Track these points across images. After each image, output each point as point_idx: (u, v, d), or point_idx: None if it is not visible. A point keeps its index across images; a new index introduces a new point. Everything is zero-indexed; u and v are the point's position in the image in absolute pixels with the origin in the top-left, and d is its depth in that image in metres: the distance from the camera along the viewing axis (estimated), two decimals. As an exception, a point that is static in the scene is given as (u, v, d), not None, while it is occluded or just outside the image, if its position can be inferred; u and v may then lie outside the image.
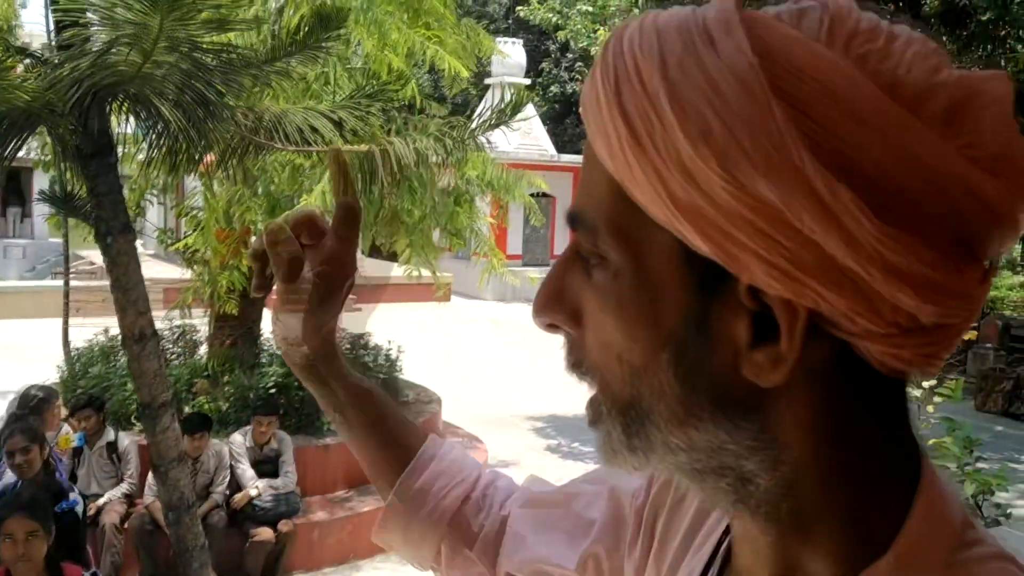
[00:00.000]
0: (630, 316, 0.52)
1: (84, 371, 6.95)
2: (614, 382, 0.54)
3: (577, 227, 0.54)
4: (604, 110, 0.49)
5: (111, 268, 3.15)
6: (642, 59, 0.48)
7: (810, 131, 0.44)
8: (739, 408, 0.50)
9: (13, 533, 3.02)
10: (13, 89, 2.46)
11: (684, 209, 0.47)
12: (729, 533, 0.65)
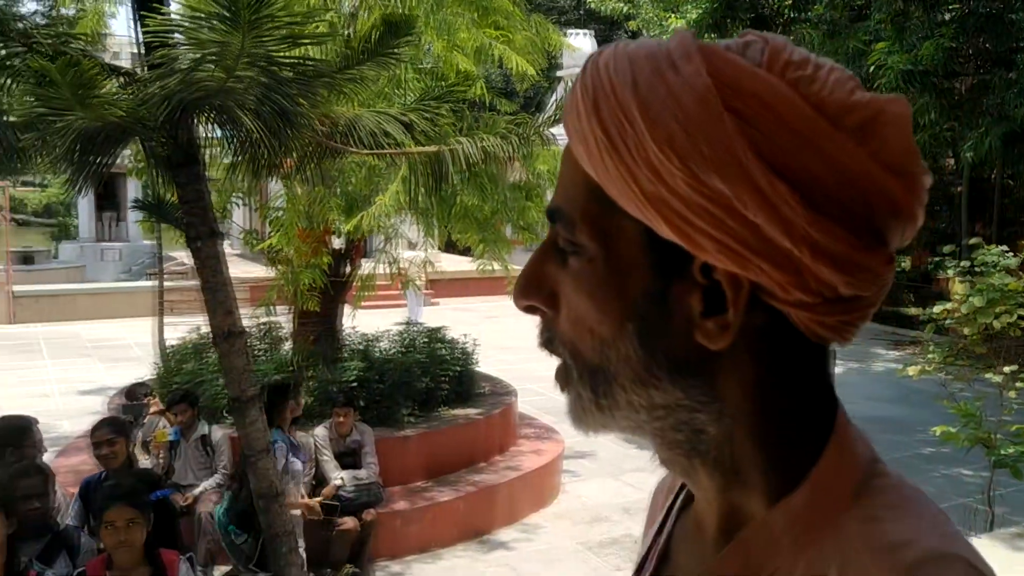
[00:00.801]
0: (602, 295, 0.62)
1: (178, 368, 7.27)
2: (585, 352, 0.64)
3: (556, 221, 0.65)
4: (584, 119, 0.60)
5: (200, 270, 3.34)
6: (616, 79, 0.59)
7: (754, 138, 0.56)
8: (691, 370, 0.61)
9: (114, 521, 3.23)
10: (110, 105, 2.65)
11: (652, 200, 0.57)
12: (680, 496, 0.77)
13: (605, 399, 0.64)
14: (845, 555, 0.57)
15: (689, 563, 0.71)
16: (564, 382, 0.68)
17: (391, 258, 7.78)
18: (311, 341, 7.39)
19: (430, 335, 7.88)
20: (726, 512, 0.66)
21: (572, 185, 0.64)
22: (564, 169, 0.66)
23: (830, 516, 0.60)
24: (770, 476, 0.63)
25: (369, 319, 9.02)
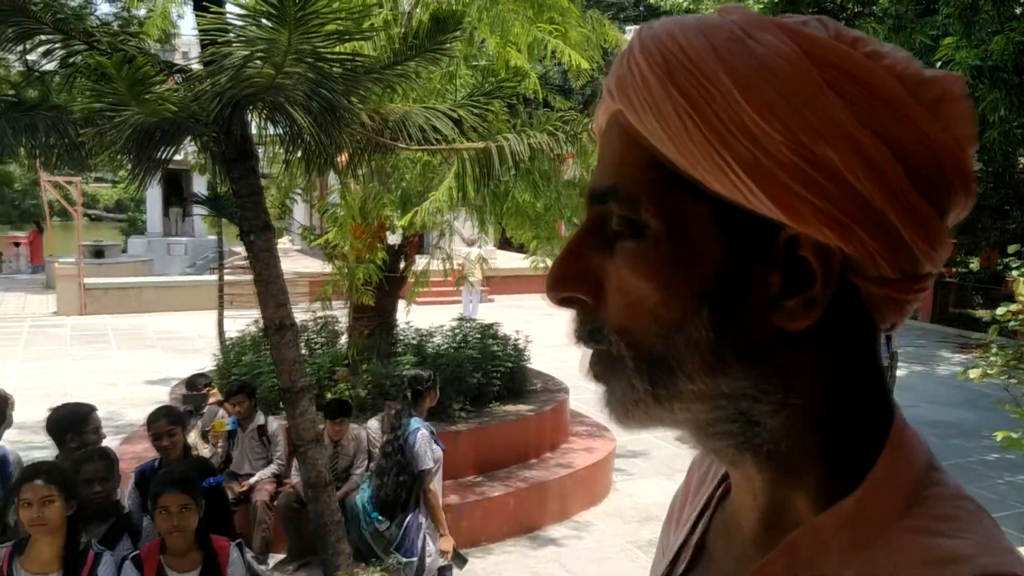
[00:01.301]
0: (670, 277, 0.58)
1: (237, 359, 7.44)
2: (646, 339, 0.60)
3: (606, 201, 0.61)
4: (656, 91, 0.57)
5: (253, 264, 3.41)
6: (692, 48, 0.56)
7: (853, 105, 0.54)
8: (762, 355, 0.58)
9: (168, 506, 3.33)
10: (163, 101, 2.73)
11: (749, 169, 0.55)
12: (720, 487, 0.73)
13: (665, 389, 0.60)
14: (898, 568, 0.55)
15: (727, 556, 0.69)
16: (609, 374, 0.63)
17: (446, 254, 7.82)
18: (366, 335, 7.49)
19: (483, 331, 7.91)
20: (770, 508, 0.63)
21: (630, 163, 0.61)
22: (615, 147, 0.62)
23: (883, 525, 0.58)
24: (823, 474, 0.60)
25: (424, 315, 9.10)
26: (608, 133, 0.63)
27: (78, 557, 3.17)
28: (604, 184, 0.62)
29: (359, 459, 6.08)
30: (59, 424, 4.12)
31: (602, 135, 0.65)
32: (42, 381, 10.49)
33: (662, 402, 0.61)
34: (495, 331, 7.98)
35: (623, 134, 0.61)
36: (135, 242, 23.41)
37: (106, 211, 43.33)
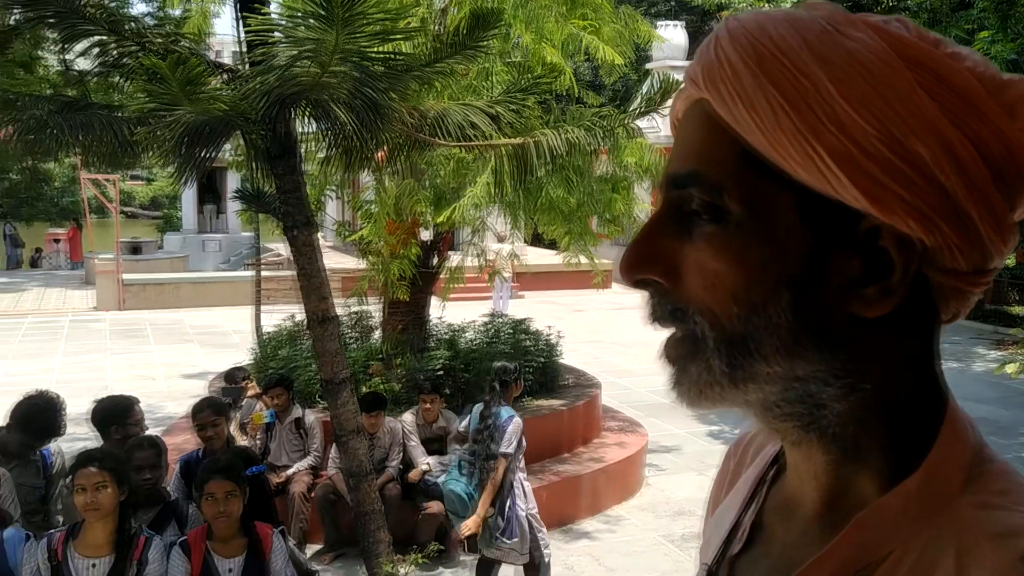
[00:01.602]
0: (753, 261, 0.61)
1: (273, 353, 7.56)
2: (726, 320, 0.62)
3: (687, 186, 0.63)
4: (748, 82, 0.59)
5: (296, 258, 3.50)
6: (782, 39, 0.59)
7: (942, 104, 0.58)
8: (837, 340, 0.61)
9: (214, 493, 3.43)
10: (215, 100, 2.81)
11: (840, 161, 0.57)
12: (772, 467, 0.77)
13: (742, 371, 0.63)
14: (963, 541, 0.59)
15: (786, 534, 0.72)
16: (687, 356, 0.65)
17: (479, 250, 7.88)
18: (399, 330, 7.58)
19: (515, 326, 7.96)
20: (833, 487, 0.66)
21: (713, 150, 0.63)
22: (696, 134, 0.65)
23: (944, 501, 0.61)
24: (887, 456, 0.63)
25: (456, 311, 9.18)
26: (687, 120, 0.66)
27: (129, 541, 3.28)
28: (685, 170, 0.64)
29: (394, 451, 6.17)
30: (103, 415, 4.24)
31: (679, 122, 0.68)
32: (83, 375, 10.73)
33: (737, 384, 0.63)
34: (527, 326, 8.02)
35: (706, 122, 0.64)
36: (171, 239, 23.76)
37: (141, 208, 43.99)
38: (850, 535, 0.63)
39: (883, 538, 0.62)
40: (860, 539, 0.63)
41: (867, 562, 0.63)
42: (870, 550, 0.63)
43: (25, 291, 18.34)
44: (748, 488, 0.80)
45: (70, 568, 3.22)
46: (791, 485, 0.73)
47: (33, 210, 30.11)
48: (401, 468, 6.18)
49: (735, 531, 0.78)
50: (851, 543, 0.63)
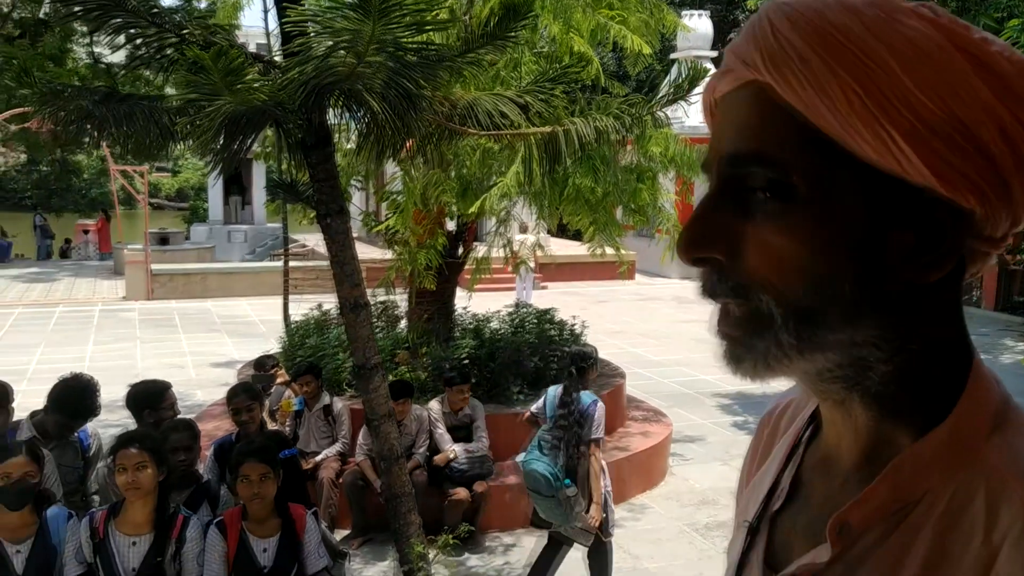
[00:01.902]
0: (819, 236, 0.65)
1: (301, 342, 7.67)
2: (795, 294, 0.66)
3: (753, 165, 0.66)
4: (817, 67, 0.63)
5: (330, 246, 3.57)
6: (844, 25, 0.63)
7: (991, 85, 0.63)
8: (891, 306, 0.66)
9: (249, 475, 3.51)
10: (255, 90, 2.88)
11: (909, 139, 0.62)
12: (807, 429, 0.82)
13: (809, 342, 0.66)
14: (991, 480, 0.64)
15: (826, 489, 0.76)
16: (751, 332, 0.68)
17: (504, 240, 7.92)
18: (425, 319, 7.65)
19: (539, 316, 8.01)
20: (873, 443, 0.71)
21: (776, 130, 0.66)
22: (752, 115, 0.68)
23: (974, 445, 0.66)
24: (921, 408, 0.68)
25: (480, 301, 9.24)
26: (737, 101, 0.69)
27: (168, 520, 3.38)
28: (745, 149, 0.67)
29: (420, 438, 6.25)
30: (137, 400, 4.35)
31: (721, 103, 0.72)
32: (114, 363, 10.91)
33: (804, 354, 0.67)
34: (551, 316, 8.07)
35: (764, 103, 0.67)
36: (197, 229, 24.00)
37: (167, 200, 44.45)
38: (887, 478, 0.69)
39: (918, 481, 0.68)
40: (896, 482, 0.68)
41: (903, 503, 0.68)
42: (906, 492, 0.68)
43: (56, 281, 18.64)
44: (785, 450, 0.84)
45: (112, 545, 3.32)
46: (829, 443, 0.78)
47: (63, 201, 30.56)
48: (427, 455, 6.26)
49: (774, 489, 0.83)
50: (888, 486, 0.69)
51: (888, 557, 0.68)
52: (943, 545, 0.65)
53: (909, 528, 0.68)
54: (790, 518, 0.80)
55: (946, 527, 0.65)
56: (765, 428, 0.94)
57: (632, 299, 16.89)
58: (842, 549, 0.70)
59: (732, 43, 0.70)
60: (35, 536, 3.33)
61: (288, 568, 3.51)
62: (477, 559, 5.98)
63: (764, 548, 0.81)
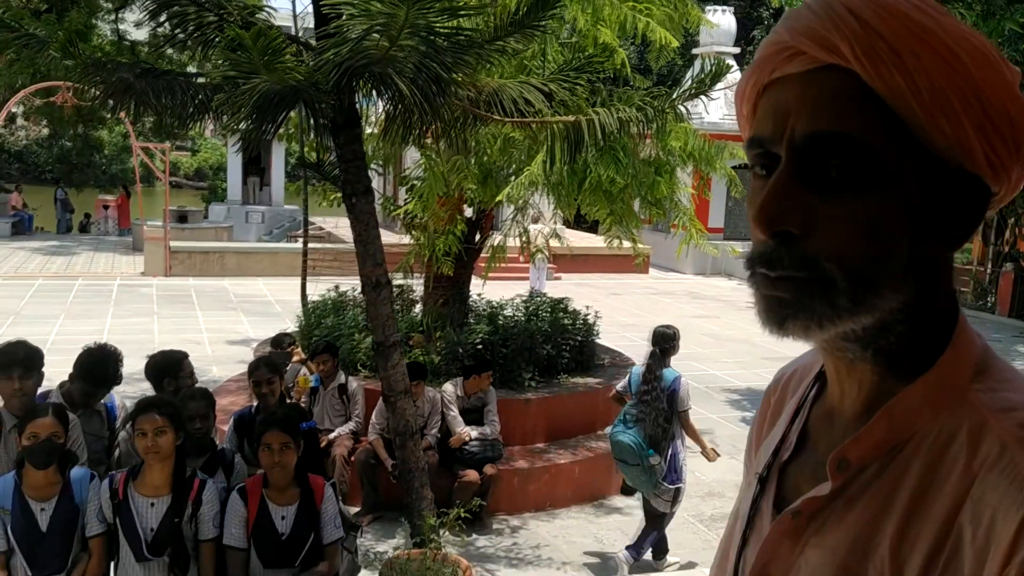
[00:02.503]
0: (888, 213, 0.73)
1: (318, 322, 7.77)
2: (861, 264, 0.73)
3: (836, 146, 0.72)
4: (912, 62, 0.70)
5: (354, 225, 3.66)
6: (923, 26, 0.71)
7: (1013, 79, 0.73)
8: (923, 272, 0.75)
9: (271, 444, 3.61)
10: (291, 71, 2.97)
11: (978, 132, 0.71)
12: (813, 388, 0.91)
13: (863, 304, 0.73)
14: (972, 417, 0.73)
15: (831, 439, 0.84)
16: (812, 293, 0.74)
17: (521, 228, 7.98)
18: (441, 304, 7.73)
19: (553, 305, 8.08)
20: (874, 394, 0.79)
21: (859, 114, 0.72)
22: (833, 98, 0.73)
23: (958, 388, 0.75)
24: (915, 360, 0.77)
25: (493, 289, 9.32)
26: (810, 82, 0.74)
27: (186, 483, 3.48)
28: (828, 129, 0.73)
29: (433, 419, 6.34)
30: (156, 369, 4.45)
31: (777, 83, 0.78)
32: (132, 336, 11.06)
33: (854, 315, 0.74)
34: (565, 305, 8.14)
35: (848, 87, 0.72)
36: (216, 209, 24.19)
37: (186, 178, 44.70)
38: (881, 419, 0.78)
39: (908, 421, 0.77)
40: (889, 423, 0.77)
41: (895, 442, 0.77)
42: (898, 432, 0.77)
43: (75, 255, 18.84)
44: (792, 408, 0.93)
45: (131, 506, 3.43)
46: (833, 398, 0.86)
47: (84, 176, 30.80)
48: (439, 436, 6.35)
49: (782, 444, 0.91)
50: (882, 426, 0.77)
51: (883, 488, 0.76)
52: (930, 475, 0.73)
53: (901, 463, 0.76)
54: (798, 466, 0.88)
55: (933, 459, 0.74)
56: (772, 394, 1.02)
57: (646, 293, 16.92)
58: (842, 484, 0.79)
59: (796, 26, 0.75)
60: (59, 495, 3.44)
61: (305, 536, 3.61)
62: (485, 540, 6.08)
63: (774, 495, 0.89)
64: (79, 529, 3.48)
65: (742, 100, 0.83)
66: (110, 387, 4.27)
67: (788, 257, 0.74)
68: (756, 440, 1.02)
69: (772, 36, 0.78)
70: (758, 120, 0.79)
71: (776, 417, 0.99)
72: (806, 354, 1.03)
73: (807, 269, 0.73)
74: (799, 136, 0.73)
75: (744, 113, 0.84)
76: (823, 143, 0.72)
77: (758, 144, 0.78)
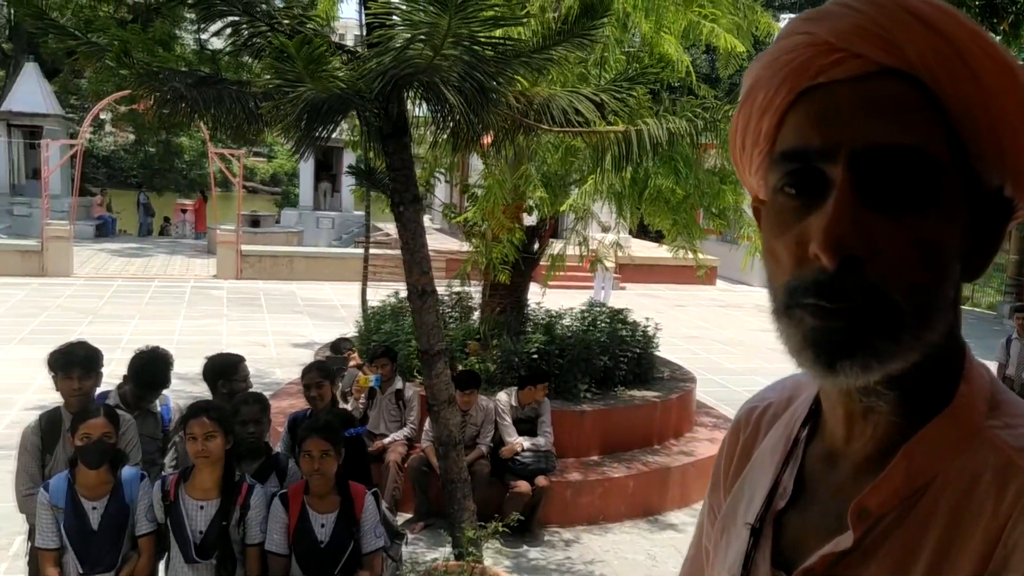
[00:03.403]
0: (947, 237, 0.67)
1: (377, 327, 7.84)
2: (928, 291, 0.66)
3: (908, 162, 0.65)
4: (984, 68, 0.65)
5: (401, 233, 3.66)
6: (986, 39, 0.67)
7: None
8: (955, 303, 0.71)
9: (311, 451, 3.63)
10: (333, 79, 2.99)
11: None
12: (804, 429, 0.83)
13: (920, 340, 0.67)
14: (996, 458, 0.68)
15: (836, 485, 0.77)
16: (876, 329, 0.66)
17: (582, 238, 7.92)
18: (498, 312, 7.72)
19: (612, 316, 7.99)
20: (889, 436, 0.73)
21: (927, 128, 0.66)
22: (900, 110, 0.66)
23: (975, 426, 0.70)
24: (930, 396, 0.71)
25: (555, 298, 9.27)
26: (870, 89, 0.67)
27: (234, 487, 3.53)
28: (896, 143, 0.65)
29: (486, 428, 6.32)
30: (212, 371, 4.53)
31: (822, 89, 0.69)
32: (201, 338, 11.36)
33: (910, 352, 0.67)
34: (624, 316, 8.04)
35: (909, 96, 0.66)
36: (287, 214, 24.71)
37: (262, 184, 45.90)
38: (899, 464, 0.71)
39: (927, 464, 0.71)
40: (908, 466, 0.71)
41: (917, 486, 0.71)
42: (917, 476, 0.71)
43: (153, 257, 19.49)
44: (780, 451, 0.85)
45: (182, 508, 3.48)
46: (835, 440, 0.79)
47: (165, 181, 31.89)
48: (491, 445, 6.32)
49: (775, 490, 0.83)
50: (901, 471, 0.71)
51: (905, 538, 0.70)
52: (956, 521, 0.68)
53: (922, 510, 0.70)
54: (798, 516, 0.81)
55: (957, 504, 0.68)
56: (741, 431, 0.95)
57: (711, 305, 16.64)
58: (860, 536, 0.72)
59: (841, 26, 0.67)
60: (110, 494, 3.53)
61: (344, 544, 3.62)
62: (537, 552, 6.02)
63: (771, 548, 0.81)
64: (129, 528, 3.55)
65: (761, 113, 0.73)
66: (159, 390, 4.35)
67: (855, 284, 0.65)
68: (725, 480, 0.95)
69: (800, 37, 0.69)
70: (795, 132, 0.70)
71: (747, 454, 0.92)
72: (773, 386, 0.96)
73: (872, 299, 0.65)
74: (859, 149, 0.65)
75: (761, 130, 0.74)
76: (889, 157, 0.65)
77: (799, 158, 0.69)
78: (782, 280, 0.70)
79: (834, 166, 0.66)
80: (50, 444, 3.85)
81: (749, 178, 0.81)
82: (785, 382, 0.96)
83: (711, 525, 0.97)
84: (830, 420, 0.80)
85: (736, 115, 0.78)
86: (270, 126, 3.60)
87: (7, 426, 7.49)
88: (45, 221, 16.58)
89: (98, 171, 37.86)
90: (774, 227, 0.71)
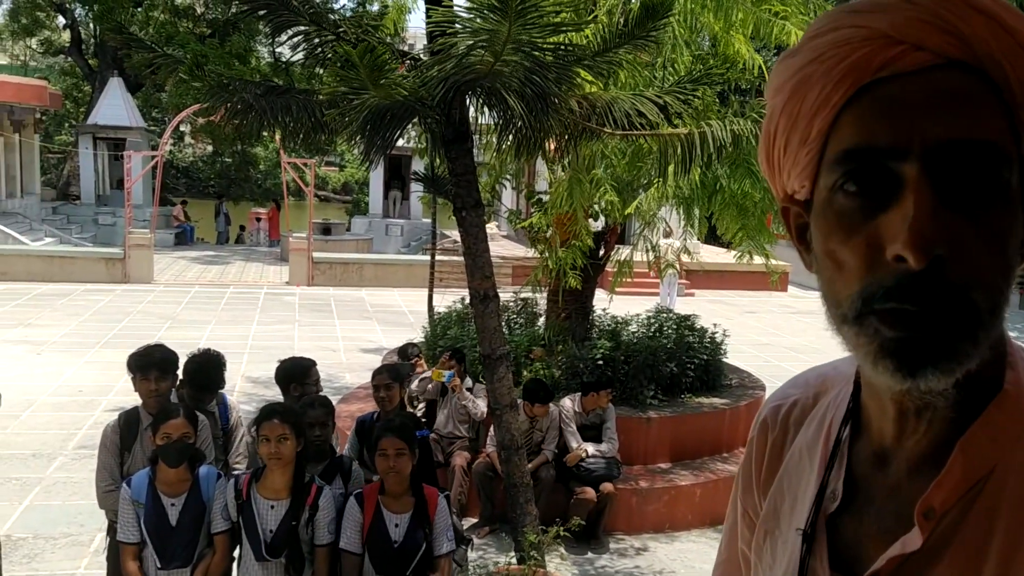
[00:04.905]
0: (1012, 229, 0.65)
1: (443, 332, 7.92)
2: (997, 289, 0.65)
3: (984, 157, 0.63)
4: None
5: (463, 238, 3.70)
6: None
7: None
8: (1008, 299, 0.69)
9: (386, 450, 3.68)
10: (396, 86, 3.04)
11: None
12: (845, 428, 0.81)
13: (997, 329, 0.66)
14: None
15: (891, 485, 0.76)
16: (959, 333, 0.64)
17: (649, 244, 7.86)
18: (563, 318, 7.71)
19: (679, 322, 7.90)
20: (944, 431, 0.71)
21: (997, 123, 0.64)
22: (982, 104, 0.64)
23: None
24: (980, 386, 0.70)
25: (621, 304, 9.22)
26: (940, 81, 0.65)
27: (304, 488, 3.60)
28: (972, 138, 0.64)
29: (551, 435, 6.31)
30: (285, 374, 4.64)
31: (888, 82, 0.66)
32: (274, 343, 11.64)
33: (986, 343, 0.65)
34: (692, 323, 7.94)
35: (976, 89, 0.64)
36: (358, 222, 25.14)
37: (334, 193, 46.81)
38: (957, 459, 0.70)
39: (985, 456, 0.69)
40: (965, 461, 0.70)
41: (978, 478, 0.69)
42: (976, 469, 0.69)
43: (229, 264, 20.06)
44: (820, 452, 0.83)
45: (253, 507, 3.57)
46: (883, 438, 0.77)
47: (241, 190, 32.80)
48: (556, 451, 6.31)
49: (822, 492, 0.81)
50: (959, 466, 0.70)
51: (971, 534, 0.69)
52: (1021, 517, 0.67)
53: (984, 504, 0.69)
54: (852, 519, 0.79)
55: (1022, 495, 0.67)
56: (769, 431, 0.92)
57: (782, 312, 16.29)
58: (927, 536, 0.71)
59: (898, 19, 0.64)
60: (188, 492, 3.64)
61: (417, 545, 3.65)
62: (605, 560, 5.99)
63: (827, 553, 0.79)
64: (205, 525, 3.66)
65: (814, 112, 0.69)
66: (214, 391, 4.45)
67: (939, 286, 0.62)
68: (757, 482, 0.92)
69: (851, 31, 0.66)
70: (857, 129, 0.66)
71: (779, 454, 0.89)
72: (795, 382, 0.93)
73: (955, 300, 0.63)
74: (935, 145, 0.63)
75: (812, 129, 0.70)
76: (965, 152, 0.63)
77: (864, 156, 0.66)
78: (853, 287, 0.66)
79: (906, 163, 0.63)
80: (128, 442, 4.00)
81: (785, 180, 0.77)
82: (808, 377, 0.93)
83: (748, 529, 0.95)
84: (877, 418, 0.77)
85: (776, 115, 0.74)
86: (336, 133, 3.69)
87: (90, 427, 7.80)
88: (128, 230, 17.22)
89: (178, 181, 39.16)
90: (835, 230, 0.68)
